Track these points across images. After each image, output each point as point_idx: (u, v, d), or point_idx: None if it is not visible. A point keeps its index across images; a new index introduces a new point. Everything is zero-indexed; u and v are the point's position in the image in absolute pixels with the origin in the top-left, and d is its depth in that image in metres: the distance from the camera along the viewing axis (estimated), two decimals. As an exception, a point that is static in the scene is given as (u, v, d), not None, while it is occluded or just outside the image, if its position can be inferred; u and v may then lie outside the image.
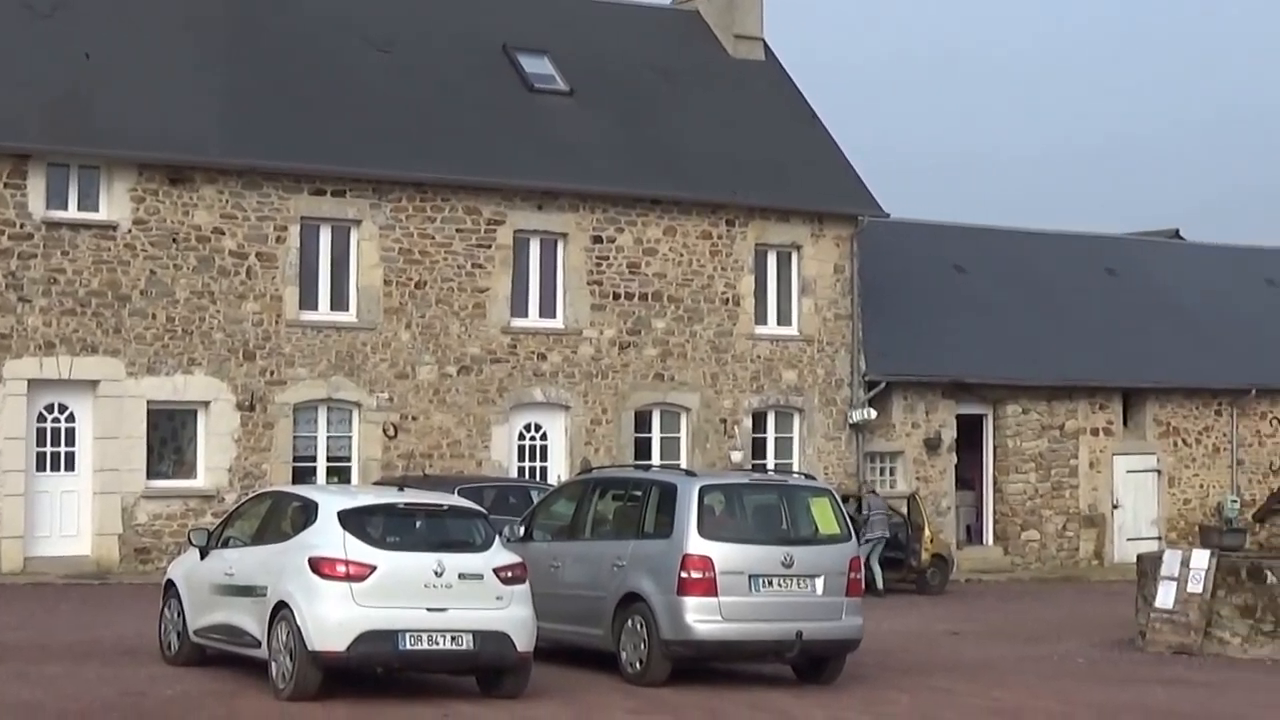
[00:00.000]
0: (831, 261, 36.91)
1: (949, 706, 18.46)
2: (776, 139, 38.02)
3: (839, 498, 21.05)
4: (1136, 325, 43.10)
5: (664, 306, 34.99)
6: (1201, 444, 42.56)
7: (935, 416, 38.91)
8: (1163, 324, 43.62)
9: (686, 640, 18.74)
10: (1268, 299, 46.88)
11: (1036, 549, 40.04)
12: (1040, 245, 44.66)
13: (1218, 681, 21.45)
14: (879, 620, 25.87)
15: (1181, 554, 25.20)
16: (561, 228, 34.12)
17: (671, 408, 35.24)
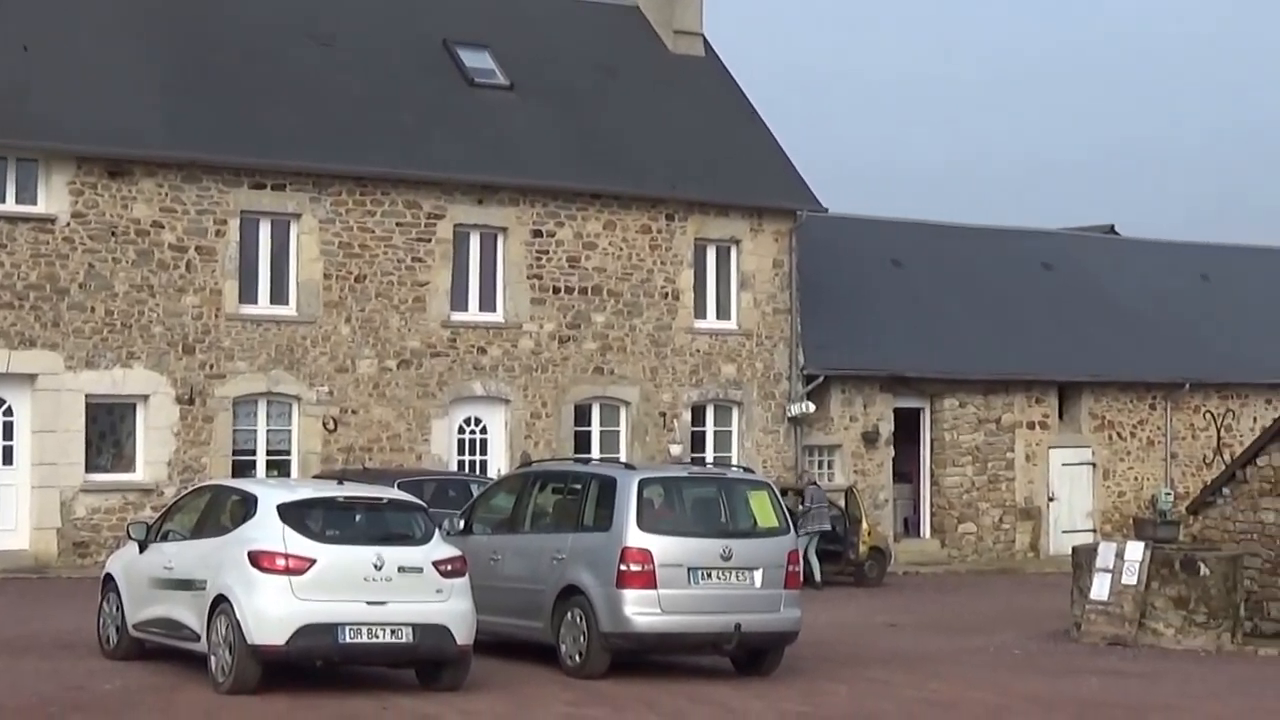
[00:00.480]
0: (770, 256, 37.08)
1: (886, 698, 18.61)
2: (716, 134, 38.15)
3: (777, 491, 21.21)
4: (1072, 320, 43.43)
5: (603, 301, 35.08)
6: (1136, 437, 42.93)
7: (873, 410, 39.13)
8: (1098, 319, 43.96)
9: (626, 633, 18.84)
10: (1202, 294, 47.30)
11: (973, 541, 40.31)
12: (977, 240, 44.94)
13: (1152, 672, 21.68)
14: (817, 612, 26.02)
15: (1116, 546, 25.45)
16: (501, 222, 34.16)
17: (611, 401, 35.34)
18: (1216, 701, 19.18)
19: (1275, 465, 25.48)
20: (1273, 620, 25.30)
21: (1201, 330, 45.34)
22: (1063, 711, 18.08)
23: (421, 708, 16.62)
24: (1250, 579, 25.35)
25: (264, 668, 16.74)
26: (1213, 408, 43.97)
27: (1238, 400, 44.36)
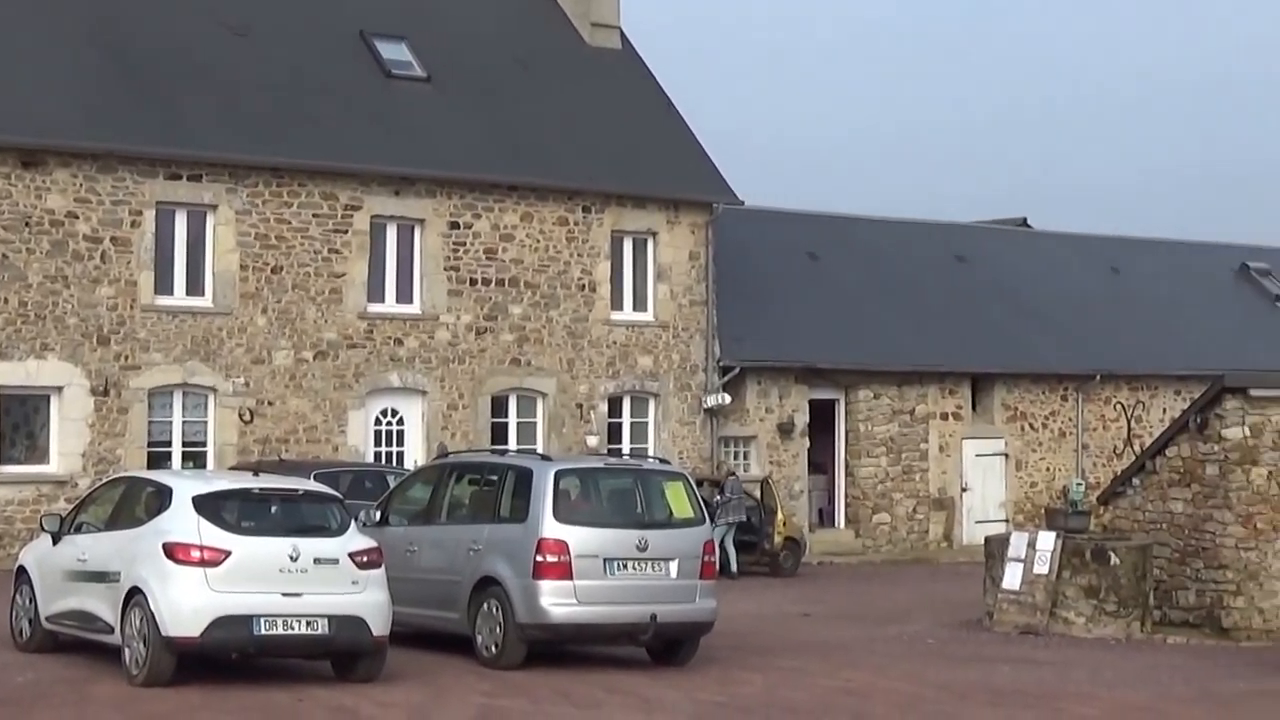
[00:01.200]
0: (687, 248, 37.21)
1: (800, 686, 18.76)
2: (633, 127, 38.25)
3: (693, 482, 21.34)
4: (985, 312, 43.80)
5: (520, 292, 35.11)
6: (1048, 428, 43.35)
7: (788, 401, 39.33)
8: (1010, 311, 44.34)
9: (542, 623, 18.92)
10: (1112, 286, 47.80)
11: (887, 531, 40.59)
12: (892, 233, 45.25)
13: (1062, 660, 21.92)
14: (732, 602, 26.18)
15: (1028, 536, 25.71)
16: (418, 213, 34.13)
17: (528, 393, 35.38)
18: (1126, 689, 19.42)
19: (1184, 456, 25.78)
20: (1181, 609, 25.63)
21: (1112, 322, 45.82)
22: (975, 699, 18.28)
23: (337, 699, 16.64)
24: (1159, 568, 25.65)
25: (178, 660, 16.71)
26: (1123, 399, 44.42)
27: (1148, 391, 44.83)
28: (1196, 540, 25.47)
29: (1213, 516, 25.27)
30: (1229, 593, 24.99)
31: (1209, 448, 25.38)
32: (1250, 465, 25.06)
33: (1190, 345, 45.72)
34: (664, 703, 17.33)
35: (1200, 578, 25.43)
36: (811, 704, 17.56)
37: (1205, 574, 25.35)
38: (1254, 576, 24.92)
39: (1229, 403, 25.19)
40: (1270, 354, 45.47)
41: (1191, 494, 25.65)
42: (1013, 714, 17.37)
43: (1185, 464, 25.77)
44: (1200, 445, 25.53)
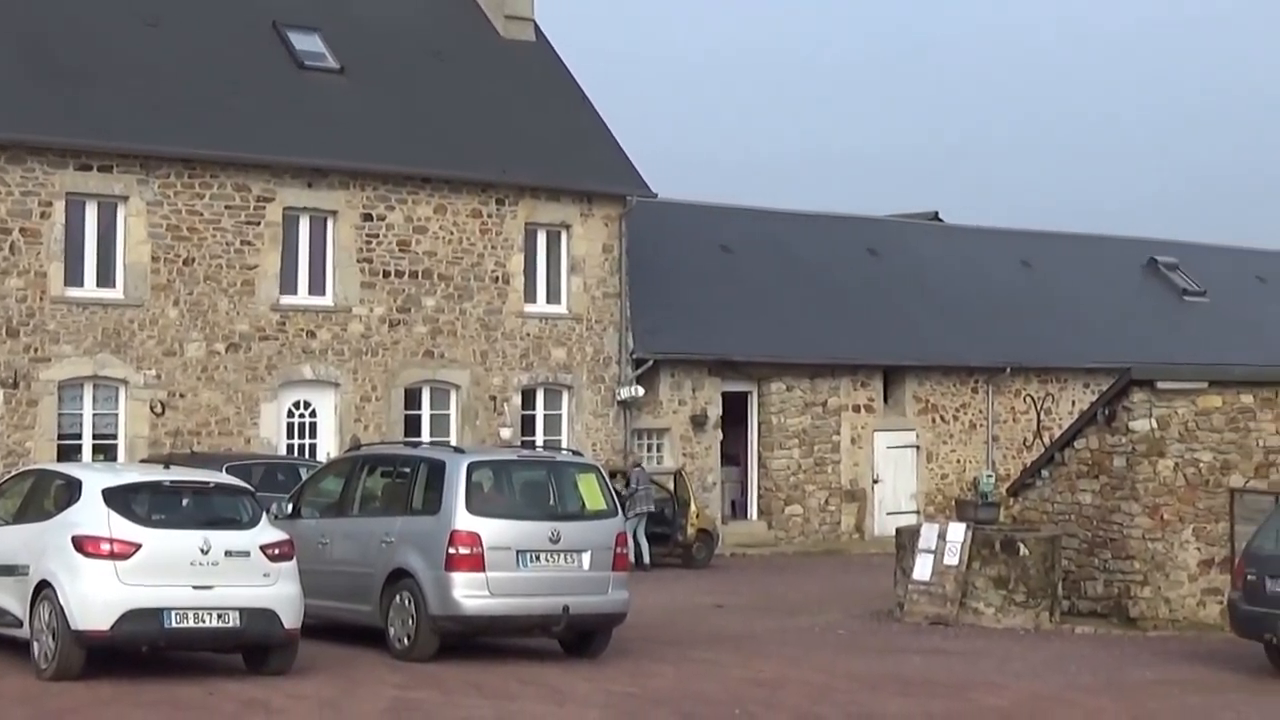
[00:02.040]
0: (600, 241, 37.24)
1: (712, 678, 18.85)
2: (546, 119, 38.23)
3: (606, 474, 21.40)
4: (897, 305, 44.06)
5: (434, 284, 35.05)
6: (959, 420, 43.65)
7: (701, 394, 39.45)
8: (922, 303, 44.63)
9: (454, 615, 18.95)
10: (1023, 280, 48.19)
11: (800, 523, 40.76)
12: (804, 226, 45.44)
13: (972, 651, 22.12)
14: (645, 594, 26.27)
15: (938, 527, 25.92)
16: (331, 205, 34.00)
17: (441, 385, 35.33)
18: (1034, 679, 19.61)
19: (1092, 448, 26.04)
20: (1089, 599, 25.89)
21: (1022, 316, 46.19)
22: (885, 690, 18.42)
23: (248, 692, 16.60)
24: (1068, 559, 25.92)
25: (88, 654, 16.65)
26: (1033, 391, 44.80)
27: (1057, 384, 45.23)
28: (1104, 531, 25.74)
29: (1120, 508, 25.54)
30: (1136, 583, 25.27)
31: (1117, 440, 25.65)
32: (1157, 457, 25.33)
33: (1099, 338, 46.17)
34: (576, 694, 17.40)
35: (1108, 568, 25.70)
36: (723, 695, 17.65)
37: (1113, 565, 25.63)
38: (1160, 567, 25.21)
39: (1136, 395, 25.46)
40: (1177, 347, 45.97)
41: (1099, 486, 25.91)
42: (923, 704, 17.52)
43: (1093, 456, 26.03)
44: (1108, 437, 25.79)
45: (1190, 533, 25.33)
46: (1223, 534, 25.24)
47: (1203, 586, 25.27)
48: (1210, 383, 26.05)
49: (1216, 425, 25.64)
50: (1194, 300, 51.10)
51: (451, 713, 16.07)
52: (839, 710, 16.92)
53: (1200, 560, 25.34)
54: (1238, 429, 25.75)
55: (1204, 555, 25.34)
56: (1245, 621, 20.87)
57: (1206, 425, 25.59)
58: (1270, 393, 26.14)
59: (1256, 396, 26.00)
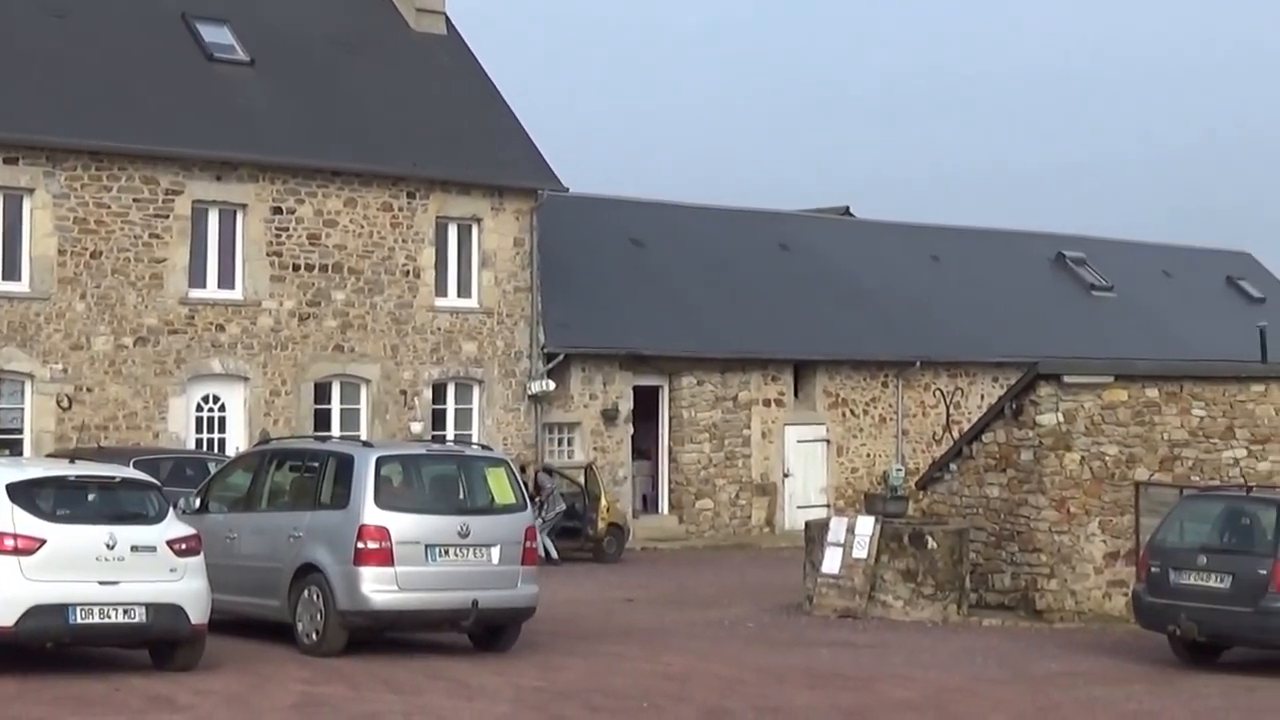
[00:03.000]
0: (511, 235, 37.20)
1: (621, 672, 18.88)
2: (457, 112, 38.17)
3: (516, 468, 21.39)
4: (808, 299, 44.23)
5: (344, 278, 34.91)
6: (869, 414, 43.87)
7: (612, 388, 39.48)
8: (833, 298, 44.82)
9: (363, 610, 18.90)
10: (932, 274, 48.47)
11: (710, 517, 40.87)
12: (716, 220, 45.54)
13: (880, 643, 22.24)
14: (555, 589, 26.26)
15: (847, 521, 26.04)
16: (241, 198, 33.80)
17: (351, 379, 35.20)
18: (941, 671, 19.74)
19: (1000, 442, 26.22)
20: (997, 592, 26.08)
21: (932, 310, 46.47)
22: (794, 683, 18.50)
23: (154, 688, 16.49)
24: (976, 552, 26.08)
25: (-8, 650, 16.50)
26: (942, 385, 45.09)
27: (966, 378, 45.53)
28: (1012, 524, 25.92)
29: (1027, 501, 25.73)
30: (1043, 575, 25.46)
31: (1024, 433, 25.84)
32: (1064, 451, 25.54)
33: (1008, 332, 46.50)
34: (485, 688, 17.38)
35: (1015, 561, 25.89)
36: (632, 689, 17.68)
37: (1020, 557, 25.81)
38: (1067, 560, 25.42)
39: (1043, 389, 25.66)
40: (1085, 341, 46.41)
41: (1007, 479, 26.10)
42: (831, 696, 17.60)
43: (1001, 449, 26.21)
44: (1015, 431, 25.98)
45: (1096, 526, 25.56)
46: (1128, 527, 25.49)
47: (1108, 579, 25.51)
48: (1116, 377, 26.29)
49: (1122, 419, 25.88)
50: (1101, 295, 51.58)
51: (359, 708, 16.02)
52: (747, 704, 16.98)
53: (1106, 553, 25.57)
54: (1143, 423, 26.01)
55: (1109, 548, 25.58)
56: (1149, 613, 21.10)
57: (1112, 419, 25.83)
58: (1175, 387, 26.42)
59: (1161, 390, 26.26)
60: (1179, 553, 20.92)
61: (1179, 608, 20.49)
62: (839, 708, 16.94)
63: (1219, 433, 26.55)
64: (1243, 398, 26.83)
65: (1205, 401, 26.51)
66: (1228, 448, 26.59)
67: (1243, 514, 21.05)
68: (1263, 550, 20.27)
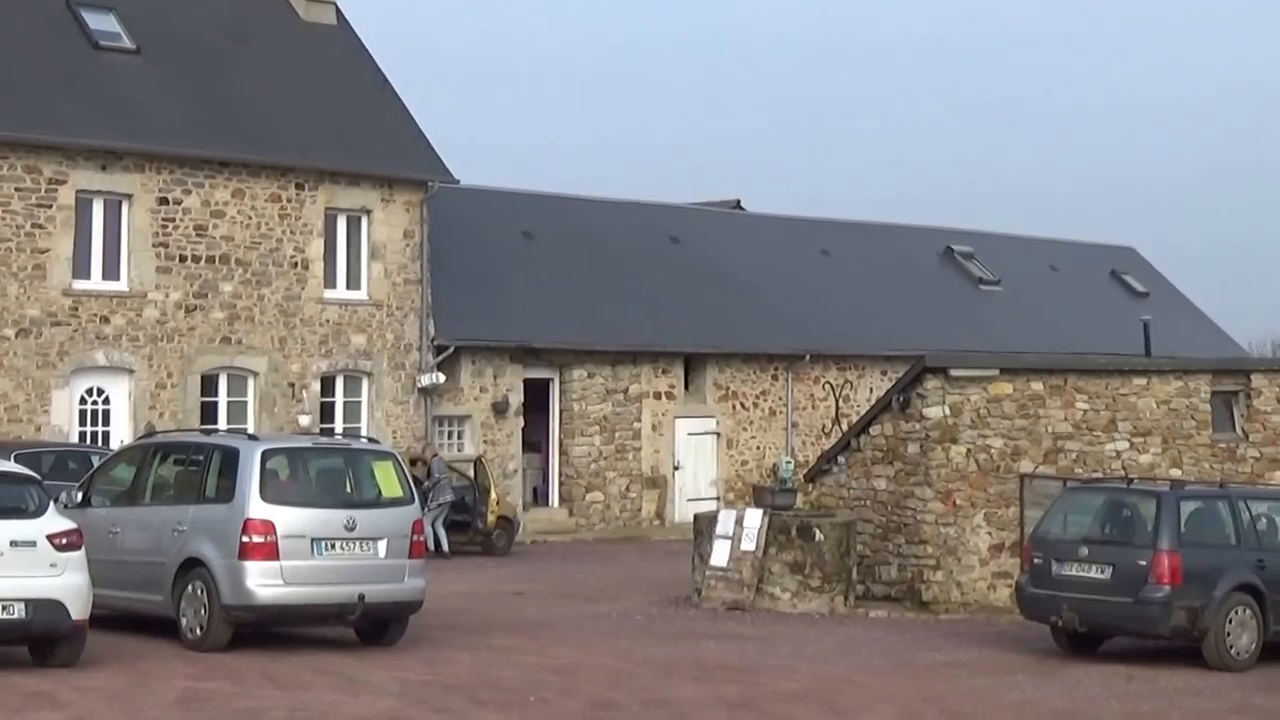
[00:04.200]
0: (401, 226, 37.04)
1: (509, 665, 18.86)
2: (347, 103, 37.95)
3: (403, 461, 21.31)
4: (699, 293, 44.31)
5: (231, 269, 34.62)
6: (759, 407, 44.02)
7: (503, 381, 39.40)
8: (724, 292, 44.93)
9: (248, 605, 18.79)
10: (822, 268, 48.70)
11: (601, 510, 40.88)
12: (607, 213, 45.55)
13: (767, 635, 22.33)
14: (444, 582, 26.25)
15: (736, 513, 26.12)
16: (126, 188, 33.44)
17: (239, 372, 34.92)
18: (827, 663, 19.85)
19: (887, 434, 26.38)
20: (883, 583, 26.25)
21: (822, 304, 46.68)
22: (680, 675, 18.53)
23: (34, 685, 16.31)
24: (863, 544, 26.25)
25: None
26: (832, 378, 45.30)
27: (855, 371, 45.78)
28: (898, 517, 26.10)
29: (914, 493, 25.91)
30: (929, 567, 25.66)
31: (911, 426, 26.01)
32: (950, 443, 25.74)
33: (896, 326, 46.79)
34: (371, 683, 17.31)
35: (901, 553, 26.07)
36: (519, 682, 17.67)
37: (906, 549, 26.00)
38: (952, 551, 25.62)
39: (930, 382, 25.84)
40: (972, 335, 46.77)
41: (894, 471, 26.27)
42: (716, 689, 17.65)
43: (888, 442, 26.38)
44: (903, 424, 26.15)
45: (981, 518, 25.78)
46: (1013, 519, 25.72)
47: (993, 570, 25.74)
48: (1002, 370, 26.53)
49: (1007, 412, 26.11)
50: (989, 289, 52.00)
51: (243, 703, 15.91)
52: (633, 696, 17.00)
53: (991, 544, 25.80)
54: (1028, 415, 26.25)
55: (995, 540, 25.81)
56: (1032, 604, 21.33)
57: (998, 412, 26.05)
58: (1059, 380, 26.69)
59: (1046, 384, 26.52)
60: (1061, 544, 21.16)
61: (1061, 598, 20.73)
62: (725, 700, 16.99)
63: (1102, 425, 26.84)
64: (1125, 391, 27.15)
65: (1089, 395, 26.80)
66: (1110, 440, 26.90)
67: (1124, 506, 21.31)
68: (1142, 542, 20.53)
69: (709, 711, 16.31)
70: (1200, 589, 20.14)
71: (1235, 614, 20.31)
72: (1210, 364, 30.22)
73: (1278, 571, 20.67)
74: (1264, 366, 30.60)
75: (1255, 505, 21.48)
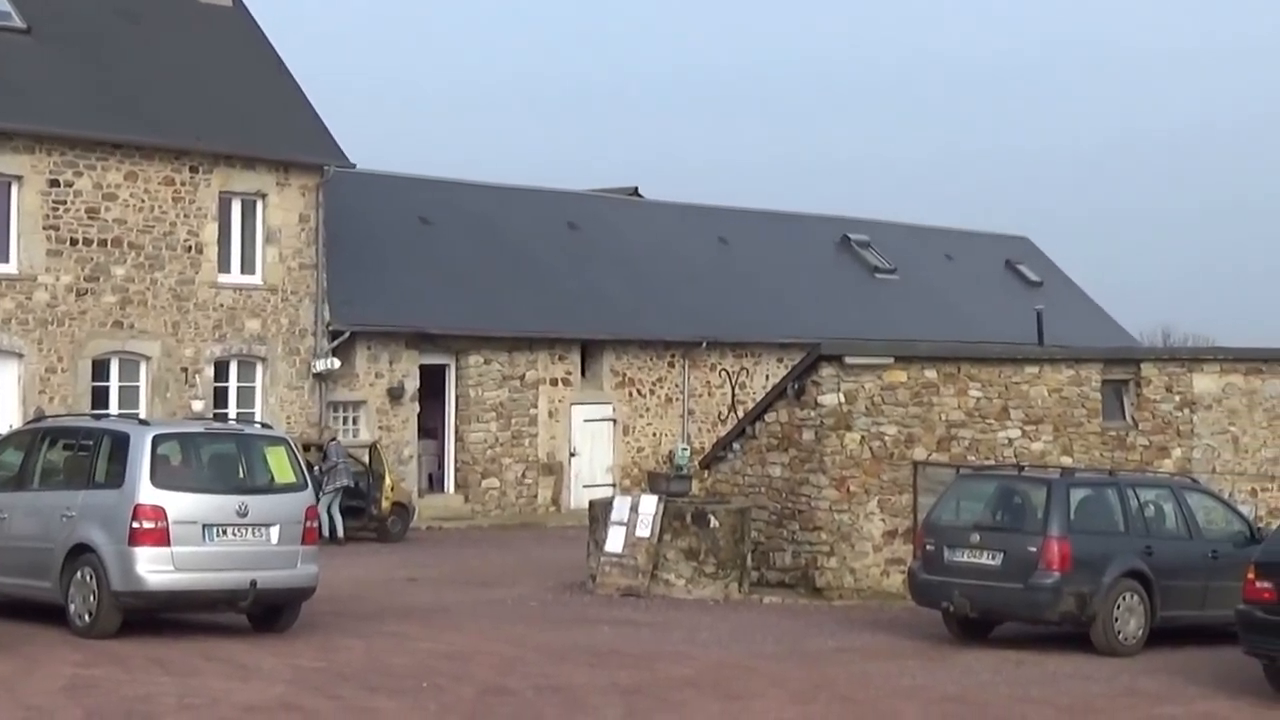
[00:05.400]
0: (297, 211, 36.79)
1: (402, 651, 18.82)
2: (243, 86, 37.64)
3: (297, 447, 21.20)
4: (596, 279, 44.31)
5: (124, 253, 34.27)
6: (655, 394, 44.07)
7: (399, 366, 39.24)
8: (621, 278, 44.95)
9: (138, 591, 18.66)
10: (719, 256, 48.81)
11: (496, 496, 40.80)
12: (505, 199, 45.45)
13: (662, 622, 22.38)
14: (338, 568, 26.15)
15: (631, 500, 26.16)
16: (16, 170, 33.01)
17: (131, 356, 34.57)
18: (721, 648, 19.92)
19: (783, 421, 26.47)
20: (778, 570, 26.35)
21: (719, 291, 46.78)
22: (574, 661, 18.55)
23: (-80, 671, 16.14)
24: (758, 530, 26.34)
25: None
26: (728, 366, 45.42)
27: (752, 359, 45.91)
28: (793, 503, 26.20)
29: (809, 480, 26.02)
30: (823, 554, 25.77)
31: (806, 413, 26.11)
32: (844, 430, 25.85)
33: (793, 314, 46.98)
34: (262, 669, 17.23)
35: (796, 539, 26.17)
36: (412, 668, 17.63)
37: (801, 536, 26.10)
38: (846, 538, 25.75)
39: (825, 370, 25.94)
40: (868, 323, 47.01)
41: (789, 458, 26.36)
42: (610, 675, 17.67)
43: (784, 429, 26.47)
44: (798, 411, 26.24)
45: (875, 504, 25.92)
46: (906, 505, 25.88)
47: (886, 556, 25.89)
48: (896, 358, 26.67)
49: (901, 400, 26.26)
50: (885, 277, 52.29)
51: (132, 690, 15.79)
52: (527, 682, 17.00)
53: (885, 531, 25.95)
54: (922, 403, 26.41)
55: (888, 526, 25.96)
56: (924, 590, 21.48)
57: (892, 400, 26.20)
58: (953, 368, 26.87)
59: (940, 372, 26.69)
60: (953, 531, 21.32)
61: (953, 584, 20.89)
62: (618, 685, 17.02)
63: (995, 413, 27.05)
64: (1018, 379, 27.37)
65: (982, 383, 27.00)
66: (1003, 428, 27.11)
67: (1015, 493, 21.50)
68: (1033, 528, 20.72)
69: (603, 697, 16.33)
70: (1089, 575, 20.36)
71: (1123, 600, 20.54)
72: (1101, 353, 30.56)
73: (1165, 558, 20.92)
74: (1153, 356, 30.99)
75: (1144, 493, 21.75)
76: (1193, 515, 21.66)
